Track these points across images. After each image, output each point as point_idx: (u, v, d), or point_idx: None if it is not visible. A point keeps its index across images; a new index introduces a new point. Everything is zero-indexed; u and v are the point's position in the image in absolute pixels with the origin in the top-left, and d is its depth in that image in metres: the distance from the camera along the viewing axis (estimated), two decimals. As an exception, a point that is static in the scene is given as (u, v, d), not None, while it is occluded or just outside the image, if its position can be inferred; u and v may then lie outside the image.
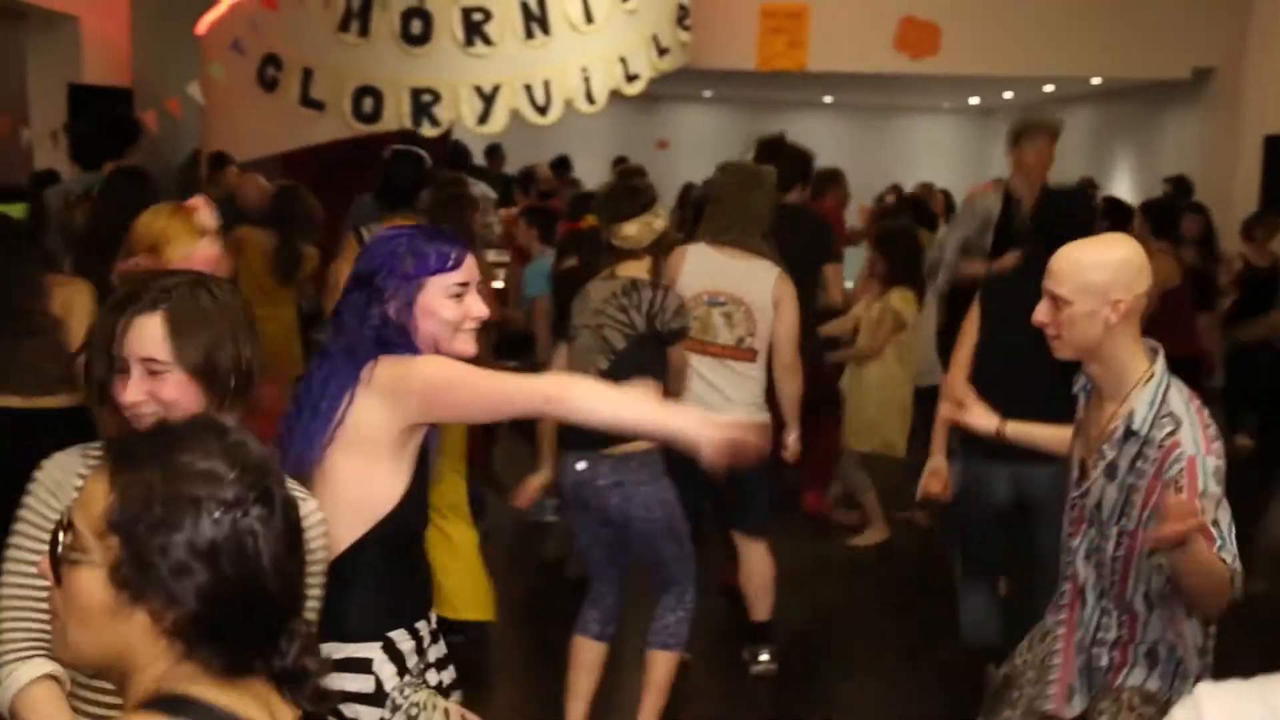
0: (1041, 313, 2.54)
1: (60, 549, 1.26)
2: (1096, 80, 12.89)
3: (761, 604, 4.67)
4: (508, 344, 5.92)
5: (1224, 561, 2.31)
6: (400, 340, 2.25)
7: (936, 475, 3.95)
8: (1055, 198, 4.27)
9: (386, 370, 2.20)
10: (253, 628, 1.27)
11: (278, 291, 5.95)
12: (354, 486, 2.20)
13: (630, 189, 3.90)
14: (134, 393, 1.80)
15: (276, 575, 1.26)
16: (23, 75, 9.46)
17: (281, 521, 1.27)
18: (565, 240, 5.74)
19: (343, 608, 2.15)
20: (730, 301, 4.29)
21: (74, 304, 3.89)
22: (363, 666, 2.19)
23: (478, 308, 2.32)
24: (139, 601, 1.23)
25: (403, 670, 2.23)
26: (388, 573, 2.25)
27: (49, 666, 1.81)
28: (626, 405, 2.30)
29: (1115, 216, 7.00)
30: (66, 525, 1.26)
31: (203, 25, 8.52)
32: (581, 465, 3.69)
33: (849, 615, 5.53)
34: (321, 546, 1.88)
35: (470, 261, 2.33)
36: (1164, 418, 2.43)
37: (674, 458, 3.71)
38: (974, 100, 17.53)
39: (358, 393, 2.19)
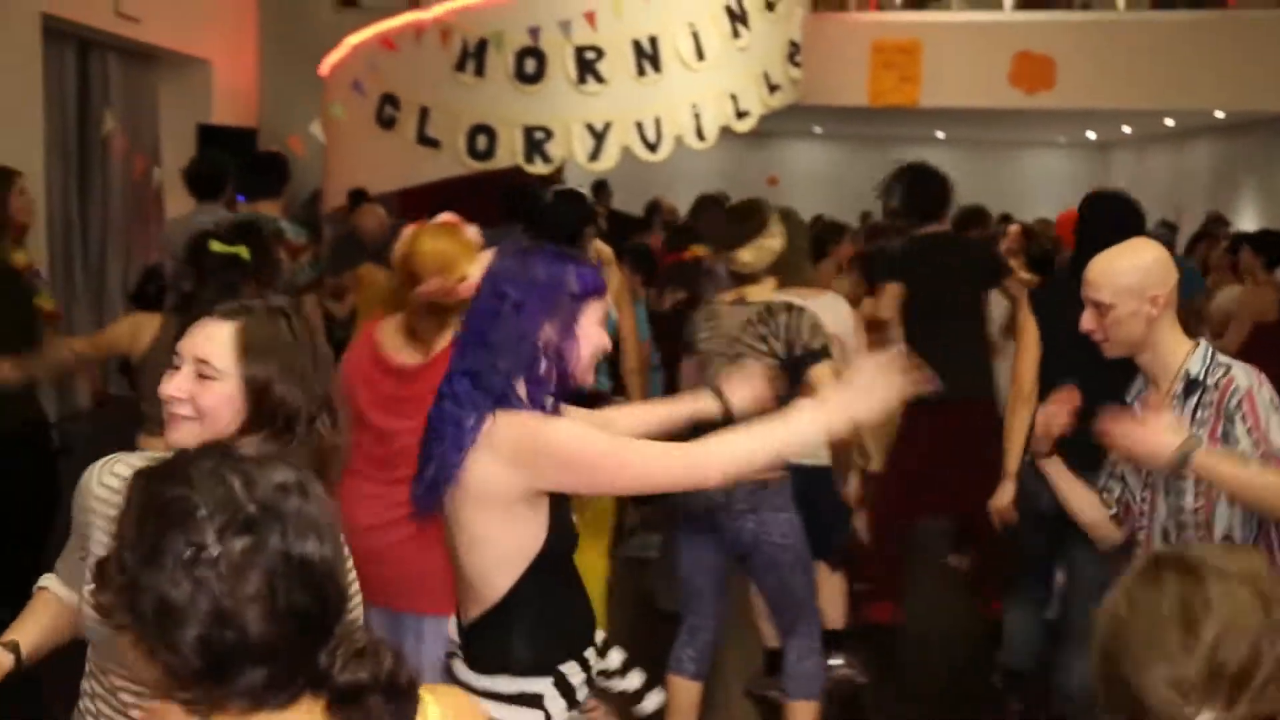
0: (1088, 321, 2.70)
1: (97, 588, 1.23)
2: (1220, 113, 12.55)
3: (833, 614, 4.71)
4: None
5: None
6: (560, 365, 2.17)
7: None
8: (1097, 201, 4.14)
9: (511, 433, 2.10)
10: (260, 669, 1.17)
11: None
12: (498, 538, 2.14)
13: (740, 212, 3.80)
14: (175, 388, 1.80)
15: (266, 621, 1.15)
16: (155, 117, 9.86)
17: (274, 560, 1.16)
18: (668, 271, 5.69)
19: (512, 643, 2.14)
20: None
21: None
22: (534, 701, 2.16)
23: (606, 338, 2.27)
24: (141, 646, 1.18)
25: (573, 704, 2.20)
26: (550, 605, 2.20)
27: (53, 582, 2.03)
28: (763, 436, 2.16)
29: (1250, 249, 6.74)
30: (100, 563, 1.23)
31: (325, 66, 8.79)
32: (717, 492, 3.60)
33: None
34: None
35: None
36: (1218, 366, 2.63)
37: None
38: (1091, 135, 17.19)
39: (478, 451, 2.10)
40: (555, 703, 2.17)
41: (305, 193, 9.48)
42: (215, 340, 1.82)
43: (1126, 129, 15.96)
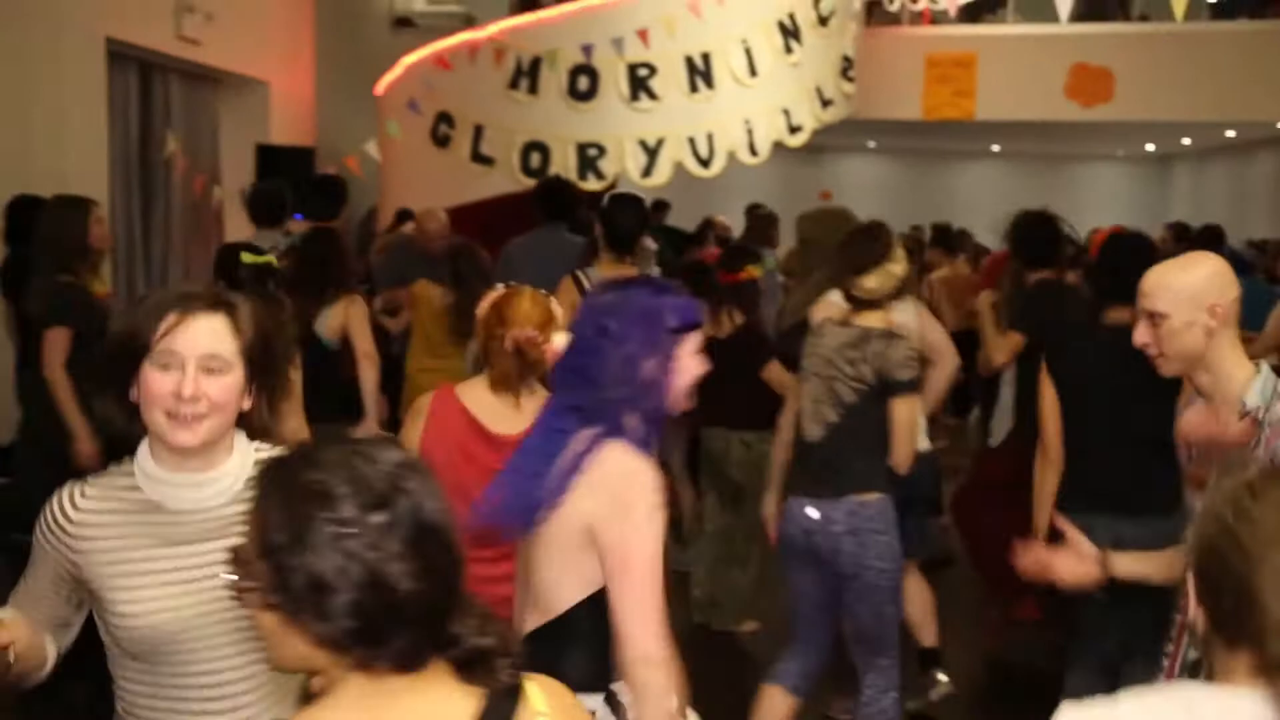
0: (1141, 334, 2.55)
1: (237, 576, 1.34)
2: (1283, 124, 12.35)
3: (927, 630, 4.57)
4: None
5: None
6: (658, 397, 2.18)
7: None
8: (1120, 243, 3.94)
9: (617, 472, 2.13)
10: (407, 630, 1.29)
11: (446, 347, 6.09)
12: (578, 559, 2.15)
13: (866, 236, 3.74)
14: (192, 387, 1.78)
15: (412, 579, 1.27)
16: (215, 137, 10.03)
17: (409, 528, 1.29)
18: (724, 293, 5.60)
19: (566, 660, 2.11)
20: None
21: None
22: None
23: (702, 366, 2.28)
24: (293, 622, 1.29)
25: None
26: (608, 629, 2.17)
27: (10, 614, 1.96)
28: None
29: None
30: (236, 553, 1.34)
31: (381, 86, 8.90)
32: (814, 513, 3.56)
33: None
34: None
35: None
36: (1278, 400, 2.42)
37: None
38: (1150, 147, 16.98)
39: (583, 471, 2.13)
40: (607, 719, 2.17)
41: (362, 211, 9.60)
42: (217, 333, 1.83)
43: (1186, 141, 15.75)
